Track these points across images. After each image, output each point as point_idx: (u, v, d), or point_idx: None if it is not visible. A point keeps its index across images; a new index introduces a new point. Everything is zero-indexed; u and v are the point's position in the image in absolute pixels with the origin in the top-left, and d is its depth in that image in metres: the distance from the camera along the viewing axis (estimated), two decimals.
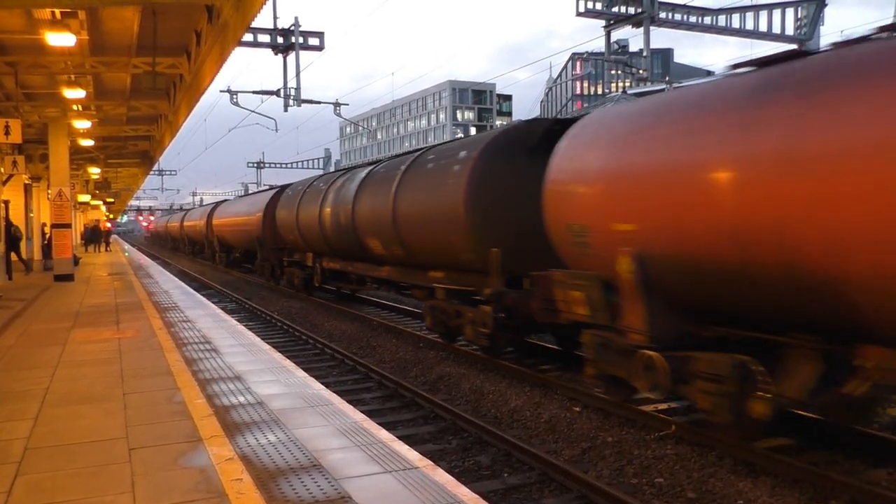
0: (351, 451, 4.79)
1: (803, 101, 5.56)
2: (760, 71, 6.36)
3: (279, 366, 7.75)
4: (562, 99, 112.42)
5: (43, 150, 23.78)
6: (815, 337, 6.00)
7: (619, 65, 28.94)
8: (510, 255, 10.27)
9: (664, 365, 6.88)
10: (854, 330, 5.56)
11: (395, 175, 13.59)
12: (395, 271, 14.46)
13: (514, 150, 10.78)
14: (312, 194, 19.34)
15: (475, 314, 11.03)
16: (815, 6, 28.27)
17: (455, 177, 11.07)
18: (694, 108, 6.69)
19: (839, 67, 5.47)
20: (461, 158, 11.27)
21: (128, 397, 6.40)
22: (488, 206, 10.61)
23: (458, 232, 10.97)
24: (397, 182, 13.29)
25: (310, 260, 20.60)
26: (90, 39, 13.93)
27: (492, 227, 10.56)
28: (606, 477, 6.43)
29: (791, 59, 6.18)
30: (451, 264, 11.88)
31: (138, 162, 37.62)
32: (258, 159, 74.65)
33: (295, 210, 20.59)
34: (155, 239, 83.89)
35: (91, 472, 4.49)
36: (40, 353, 8.82)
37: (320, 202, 18.08)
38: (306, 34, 24.56)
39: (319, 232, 18.26)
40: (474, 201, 10.63)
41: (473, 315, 11.11)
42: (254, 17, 10.70)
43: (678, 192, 6.54)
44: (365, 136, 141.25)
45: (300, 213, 20.01)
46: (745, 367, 6.24)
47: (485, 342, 10.96)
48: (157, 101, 20.17)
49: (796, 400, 6.08)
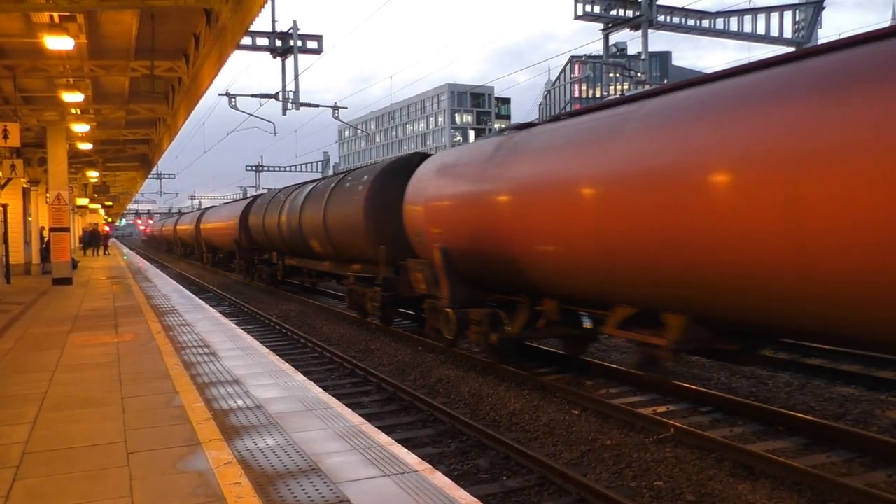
0: (349, 455, 4.79)
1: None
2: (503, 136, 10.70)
3: (278, 369, 7.74)
4: (560, 102, 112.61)
5: (41, 153, 23.77)
6: (524, 296, 10.28)
7: (617, 68, 28.98)
8: (393, 251, 14.26)
9: (454, 317, 11.05)
10: (532, 289, 9.86)
11: (326, 191, 17.76)
12: (331, 265, 18.71)
13: (399, 175, 14.52)
14: (275, 204, 23.09)
15: (371, 293, 15.05)
16: (812, 9, 28.34)
17: (359, 194, 15.23)
18: (463, 162, 11.22)
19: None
20: (363, 181, 15.39)
21: (126, 401, 6.39)
22: (379, 216, 14.61)
23: (360, 235, 15.19)
24: (326, 197, 17.46)
25: (274, 258, 24.79)
26: (89, 43, 13.93)
27: (381, 231, 14.54)
28: (605, 480, 6.43)
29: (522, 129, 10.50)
30: (361, 258, 16.12)
31: (137, 165, 37.61)
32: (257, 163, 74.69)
33: (262, 217, 24.56)
34: (151, 242, 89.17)
35: (89, 477, 4.49)
36: (38, 356, 8.82)
37: (279, 211, 22.09)
38: (305, 37, 24.60)
39: (279, 235, 22.30)
40: (369, 213, 14.77)
41: (371, 294, 15.07)
42: (252, 21, 10.71)
43: (458, 210, 10.89)
44: (363, 139, 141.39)
45: (266, 220, 23.91)
46: (496, 315, 10.42)
47: (378, 314, 14.92)
48: (155, 105, 20.16)
49: (517, 335, 10.27)
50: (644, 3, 24.57)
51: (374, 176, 14.93)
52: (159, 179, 78.33)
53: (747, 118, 6.15)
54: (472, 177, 10.63)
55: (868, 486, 5.83)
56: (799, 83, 5.88)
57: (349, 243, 16.07)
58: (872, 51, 5.50)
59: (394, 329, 14.92)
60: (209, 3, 11.08)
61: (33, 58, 14.76)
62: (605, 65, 28.19)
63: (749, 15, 27.79)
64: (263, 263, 26.30)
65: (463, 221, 10.68)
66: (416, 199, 12.30)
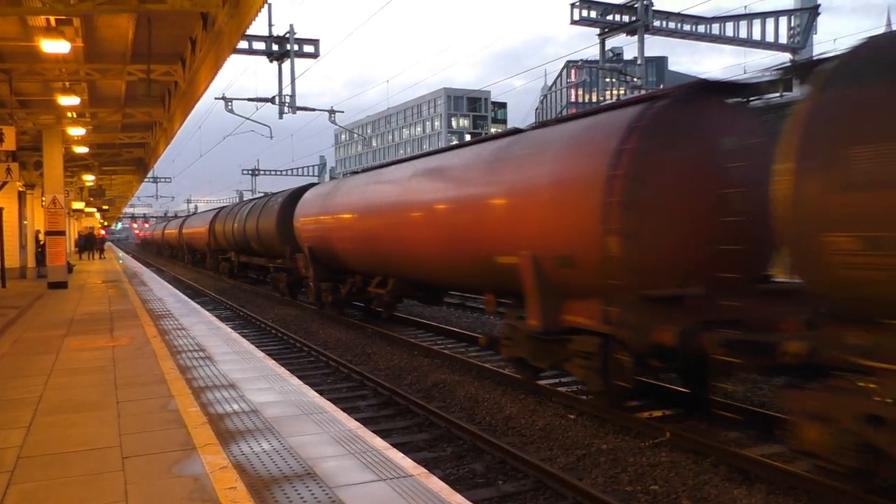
0: (345, 459, 4.79)
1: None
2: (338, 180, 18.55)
3: (273, 373, 7.74)
4: (557, 106, 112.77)
5: (37, 157, 23.71)
6: (346, 274, 17.24)
7: (613, 73, 29.05)
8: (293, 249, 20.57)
9: (314, 287, 18.33)
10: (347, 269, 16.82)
11: (259, 207, 25.27)
12: (265, 260, 25.41)
13: (297, 199, 20.81)
14: (232, 215, 30.42)
15: (282, 277, 22.87)
16: (808, 15, 28.45)
17: (273, 211, 22.73)
18: (316, 194, 18.52)
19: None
20: (278, 201, 22.84)
21: (122, 405, 6.38)
22: (285, 227, 21.13)
23: (274, 238, 22.40)
24: (259, 211, 24.86)
25: (233, 256, 31.22)
26: (85, 47, 13.93)
27: (287, 237, 20.88)
28: (601, 484, 6.43)
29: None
30: (278, 254, 22.63)
31: (133, 169, 37.58)
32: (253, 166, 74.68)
33: (223, 224, 31.86)
34: (144, 245, 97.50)
35: (84, 481, 4.48)
36: (34, 361, 8.79)
37: (234, 219, 29.07)
38: (301, 41, 24.66)
39: (234, 237, 29.05)
40: (280, 225, 21.77)
41: (282, 277, 22.90)
42: (249, 25, 10.71)
43: (314, 223, 17.79)
44: (360, 143, 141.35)
45: (225, 226, 31.01)
46: (335, 285, 17.74)
47: (287, 290, 22.70)
48: (151, 109, 20.16)
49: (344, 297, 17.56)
50: (640, 9, 24.65)
51: (282, 199, 22.56)
52: (155, 183, 78.39)
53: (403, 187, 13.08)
54: (319, 204, 17.78)
55: (863, 490, 5.83)
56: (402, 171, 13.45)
57: (270, 244, 23.32)
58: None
59: (390, 334, 14.93)
60: (206, 7, 11.07)
61: (29, 61, 14.75)
62: (602, 70, 28.26)
63: (745, 20, 27.90)
64: (225, 261, 33.41)
65: (316, 230, 17.73)
66: (298, 215, 19.48)
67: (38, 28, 12.23)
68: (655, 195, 7.46)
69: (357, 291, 16.62)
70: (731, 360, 6.60)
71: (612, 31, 25.28)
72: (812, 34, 28.59)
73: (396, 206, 12.95)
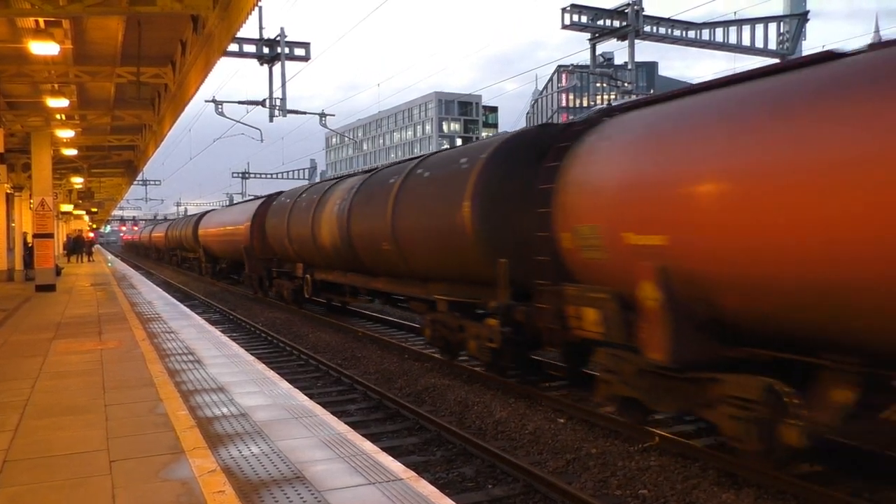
0: (335, 463, 4.77)
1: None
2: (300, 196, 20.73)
3: (263, 377, 7.71)
4: (548, 111, 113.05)
5: (25, 159, 23.60)
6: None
7: (604, 77, 29.13)
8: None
9: (309, 279, 19.49)
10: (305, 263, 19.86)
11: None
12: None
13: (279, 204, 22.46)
14: (203, 219, 34.84)
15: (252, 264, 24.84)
16: (797, 21, 28.64)
17: (243, 231, 25.12)
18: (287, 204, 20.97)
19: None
20: (241, 220, 25.65)
21: (109, 409, 6.35)
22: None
23: (244, 241, 24.76)
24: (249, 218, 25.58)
25: (202, 256, 34.38)
26: (74, 49, 13.88)
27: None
28: (590, 488, 6.43)
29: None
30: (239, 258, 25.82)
31: (122, 172, 37.43)
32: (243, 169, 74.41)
33: (204, 228, 33.53)
34: (130, 247, 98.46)
35: (72, 485, 4.45)
36: (21, 363, 8.73)
37: (205, 225, 32.37)
38: (292, 44, 24.58)
39: (207, 241, 32.35)
40: (258, 231, 23.81)
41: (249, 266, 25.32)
42: (239, 28, 10.69)
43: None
44: (351, 147, 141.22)
45: (201, 230, 33.88)
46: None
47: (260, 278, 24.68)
48: (141, 111, 20.09)
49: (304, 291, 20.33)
50: (631, 14, 24.74)
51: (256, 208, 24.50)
52: (145, 186, 78.02)
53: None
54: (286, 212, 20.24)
55: (852, 494, 5.86)
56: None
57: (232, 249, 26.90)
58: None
59: (380, 337, 14.88)
60: (196, 9, 11.04)
61: (18, 63, 14.67)
62: (592, 74, 28.34)
63: (735, 26, 28.04)
64: (194, 260, 35.45)
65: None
66: (271, 223, 22.12)
67: (27, 30, 12.18)
68: None
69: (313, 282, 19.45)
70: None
71: (602, 36, 25.36)
72: (801, 40, 28.79)
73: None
